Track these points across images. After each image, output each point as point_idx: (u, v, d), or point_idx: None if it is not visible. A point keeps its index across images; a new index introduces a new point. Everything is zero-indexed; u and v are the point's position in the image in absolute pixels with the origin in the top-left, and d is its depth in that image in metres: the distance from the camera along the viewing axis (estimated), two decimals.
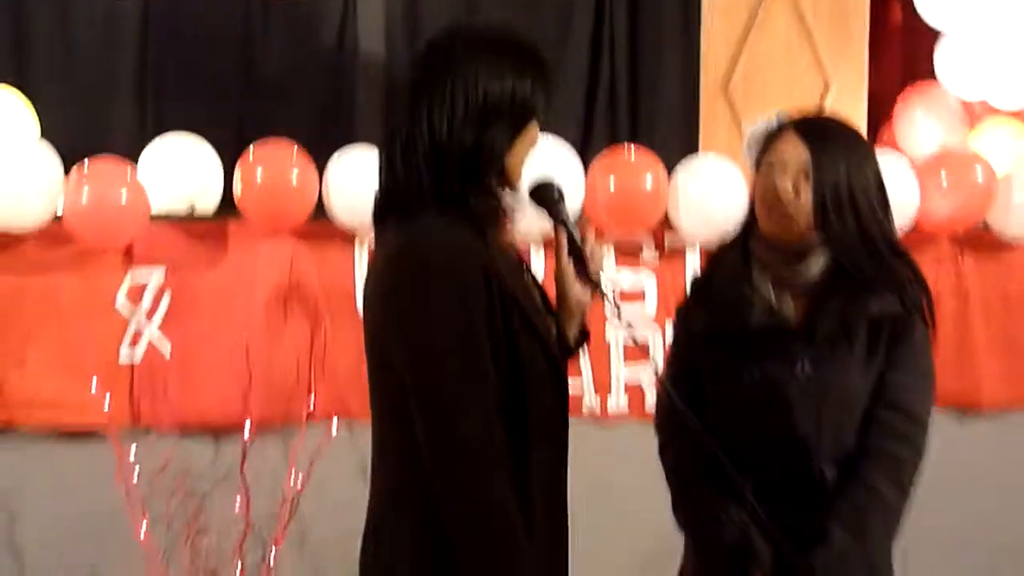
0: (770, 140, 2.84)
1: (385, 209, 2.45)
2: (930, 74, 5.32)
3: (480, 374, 2.33)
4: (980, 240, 4.86)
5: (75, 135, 4.84)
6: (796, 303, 2.78)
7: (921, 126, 5.19)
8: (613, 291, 2.70)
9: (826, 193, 2.71)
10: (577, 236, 2.51)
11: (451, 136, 2.37)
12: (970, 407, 4.89)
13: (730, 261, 2.90)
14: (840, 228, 2.71)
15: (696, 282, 3.08)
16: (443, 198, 2.39)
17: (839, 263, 2.74)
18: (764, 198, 2.77)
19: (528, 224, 2.76)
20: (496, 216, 2.48)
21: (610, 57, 5.69)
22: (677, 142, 5.38)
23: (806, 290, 2.77)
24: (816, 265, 2.75)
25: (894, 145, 5.26)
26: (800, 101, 4.80)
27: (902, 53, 5.67)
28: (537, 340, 2.44)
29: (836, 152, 2.78)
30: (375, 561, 2.50)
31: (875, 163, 2.84)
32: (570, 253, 2.52)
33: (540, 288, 2.62)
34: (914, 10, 5.35)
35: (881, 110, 5.44)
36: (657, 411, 3.03)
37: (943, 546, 4.81)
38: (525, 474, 2.43)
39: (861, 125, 5.10)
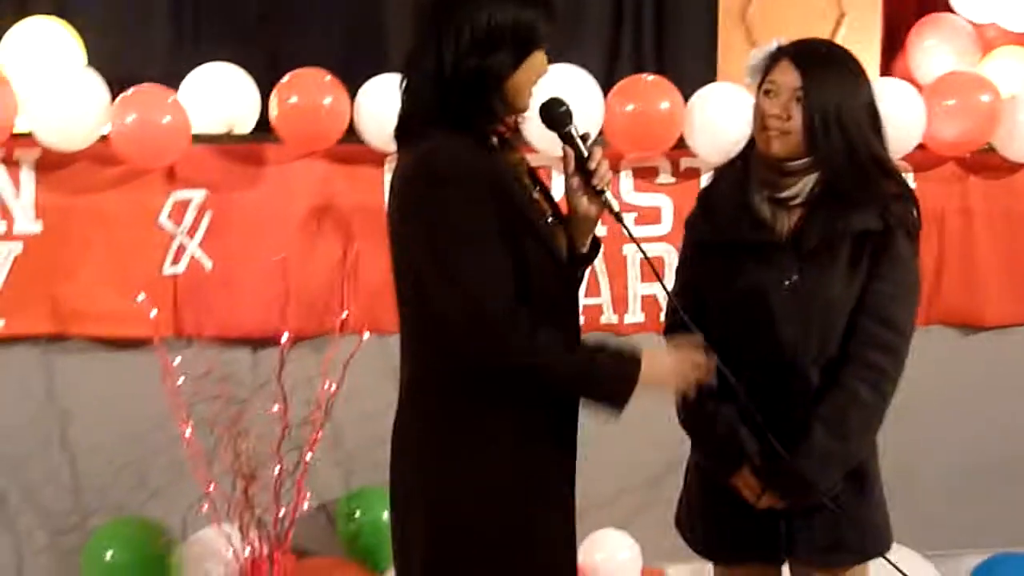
0: (768, 66, 2.91)
1: (401, 132, 2.58)
2: (945, 6, 5.28)
3: (495, 259, 2.45)
4: (985, 161, 4.86)
5: (118, 62, 4.84)
6: (788, 218, 2.90)
7: (933, 53, 5.22)
8: (610, 198, 2.79)
9: (815, 116, 2.81)
10: (584, 151, 2.59)
11: (455, 63, 2.48)
12: (975, 323, 4.93)
13: (732, 177, 3.03)
14: (828, 149, 2.81)
15: (701, 195, 3.17)
16: (450, 120, 2.50)
17: (828, 182, 2.83)
18: (757, 120, 2.87)
19: (547, 146, 2.87)
20: (500, 135, 2.60)
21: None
22: (697, 69, 5.40)
23: (797, 206, 2.87)
24: (807, 183, 2.85)
25: (907, 72, 5.24)
26: (815, 30, 4.87)
27: None
28: (542, 245, 2.56)
29: (827, 78, 2.88)
30: (399, 435, 2.68)
31: (868, 88, 2.93)
32: (577, 167, 2.61)
33: (553, 202, 2.71)
34: None
35: (896, 38, 5.45)
36: (665, 318, 3.17)
37: (948, 454, 4.90)
38: None
39: (875, 53, 5.26)
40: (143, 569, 4.28)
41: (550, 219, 2.71)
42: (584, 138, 2.64)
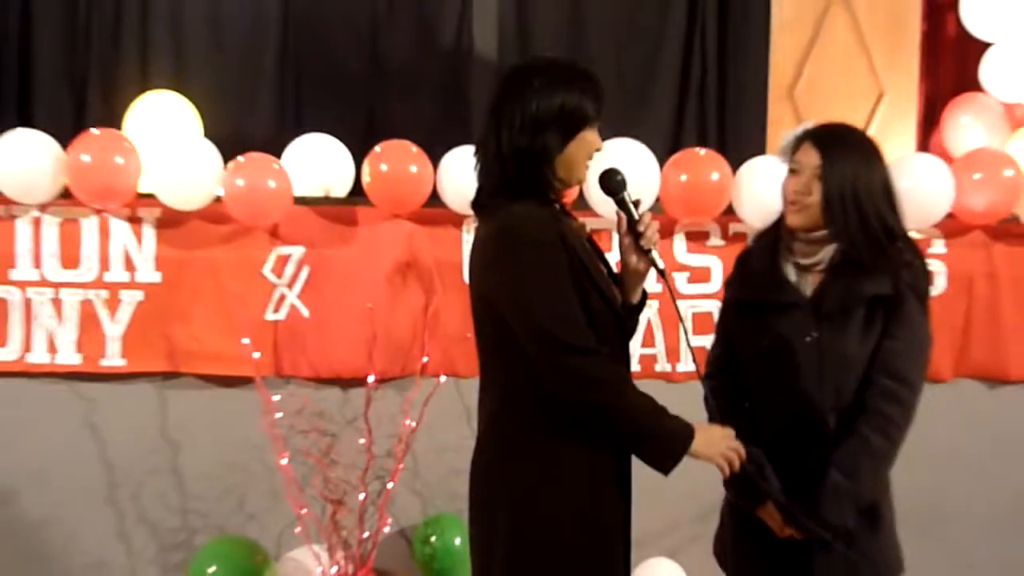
0: (795, 147, 3.11)
1: (476, 203, 2.84)
2: (978, 86, 5.40)
3: (573, 305, 2.71)
4: (1009, 230, 4.92)
5: (229, 131, 5.13)
6: (811, 282, 3.07)
7: (966, 129, 5.34)
8: (657, 259, 3.05)
9: (833, 193, 2.98)
10: (635, 215, 2.84)
11: (510, 142, 2.75)
12: (999, 377, 4.96)
13: (764, 245, 3.21)
14: (844, 222, 2.98)
15: (738, 259, 3.33)
16: (512, 192, 2.77)
17: (845, 251, 3.00)
18: (784, 196, 3.07)
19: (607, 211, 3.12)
20: (559, 200, 2.83)
21: (700, 74, 5.87)
22: (750, 141, 5.61)
23: (819, 271, 3.05)
24: (827, 252, 3.02)
25: (942, 147, 5.37)
26: (857, 107, 5.29)
27: (954, 64, 5.75)
28: (602, 297, 2.79)
29: (845, 158, 3.05)
30: (480, 464, 2.89)
31: (882, 167, 3.10)
32: (628, 229, 2.85)
33: (606, 261, 2.94)
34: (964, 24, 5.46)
35: (934, 115, 5.60)
36: (706, 367, 3.31)
37: (974, 500, 4.91)
38: None
39: (911, 129, 5.43)
40: None
41: (607, 274, 2.89)
42: (636, 204, 2.86)
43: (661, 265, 2.90)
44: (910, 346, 3.04)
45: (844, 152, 3.07)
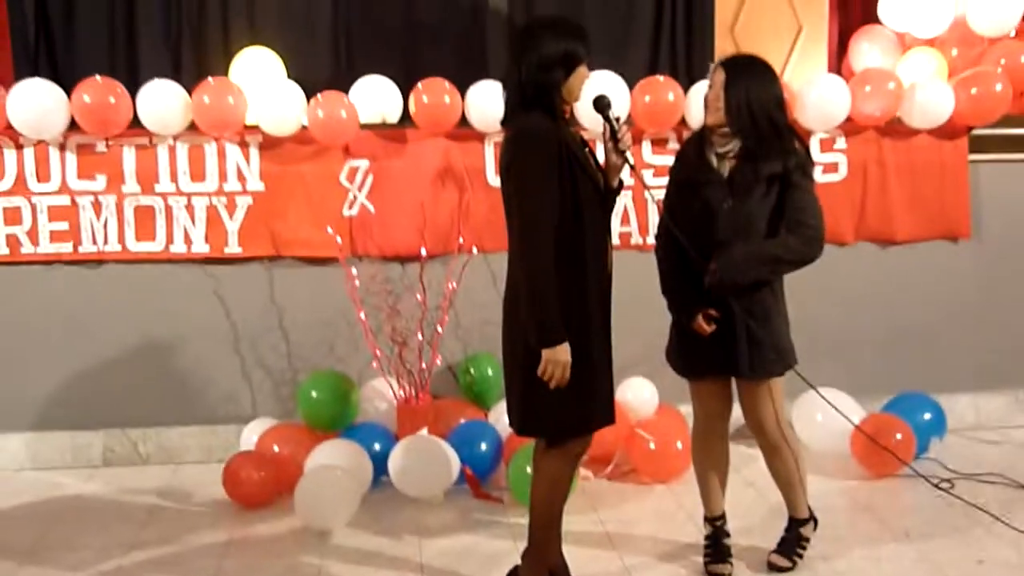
0: (713, 70, 3.62)
1: (504, 119, 3.36)
2: (878, 18, 5.69)
3: (548, 193, 3.16)
4: (894, 129, 5.28)
5: (307, 75, 5.33)
6: (726, 165, 3.58)
7: (866, 55, 5.67)
8: (630, 158, 3.39)
9: (731, 101, 3.48)
10: (616, 126, 3.35)
11: (528, 77, 3.22)
12: (888, 239, 5.38)
13: (694, 141, 3.72)
14: (738, 122, 3.49)
15: (678, 153, 3.81)
16: (530, 107, 3.24)
17: (746, 144, 3.52)
18: (704, 103, 3.60)
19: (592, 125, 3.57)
20: (563, 115, 3.31)
21: (670, 20, 6.08)
22: (702, 68, 5.17)
23: (731, 158, 3.56)
24: (735, 144, 3.54)
25: (849, 69, 5.68)
26: (782, 40, 5.61)
27: (859, 3, 5.95)
28: (589, 180, 3.27)
29: (742, 76, 3.53)
30: (507, 316, 3.36)
31: (773, 83, 3.56)
32: (611, 136, 3.37)
33: (594, 156, 3.44)
34: None
35: (844, 44, 5.87)
36: (657, 227, 3.79)
37: (873, 325, 5.42)
38: (581, 254, 3.25)
39: (822, 55, 5.70)
40: (335, 403, 4.78)
41: (596, 168, 3.38)
42: (617, 119, 3.37)
43: (632, 161, 3.37)
44: (805, 203, 3.53)
45: (741, 73, 3.54)
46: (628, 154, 3.37)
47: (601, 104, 3.43)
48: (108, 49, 6.06)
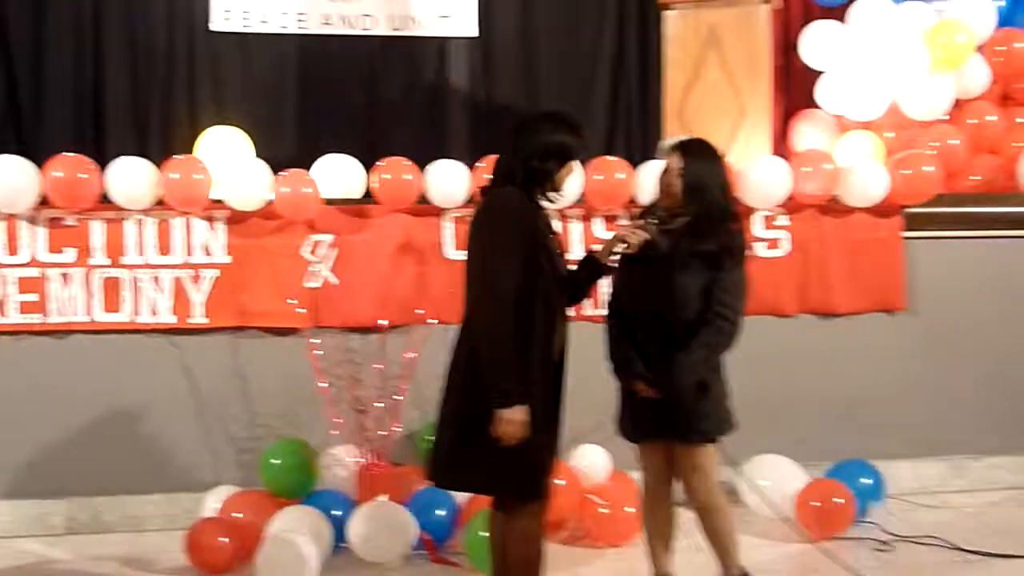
0: (667, 153, 3.77)
1: (484, 188, 3.47)
2: (816, 103, 6.05)
3: (512, 262, 3.23)
4: (833, 207, 5.43)
5: (273, 153, 5.54)
6: (667, 243, 3.68)
7: (806, 136, 6.04)
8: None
9: (689, 185, 3.64)
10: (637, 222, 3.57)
11: (523, 163, 3.35)
12: (829, 311, 5.50)
13: (645, 216, 3.80)
14: (694, 205, 3.64)
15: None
16: (517, 184, 3.34)
17: (692, 224, 3.66)
18: (660, 186, 3.75)
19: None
20: (543, 199, 3.42)
21: (627, 103, 6.59)
22: (651, 148, 6.00)
23: (675, 236, 3.68)
24: (681, 222, 3.67)
25: (790, 150, 6.00)
26: (726, 123, 5.79)
27: (800, 89, 6.28)
28: (552, 263, 3.38)
29: (698, 161, 3.70)
30: (466, 369, 3.37)
31: (721, 167, 3.75)
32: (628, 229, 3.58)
33: (561, 245, 3.55)
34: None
35: (787, 127, 6.24)
36: (608, 300, 3.90)
37: (817, 395, 5.50)
38: (532, 327, 3.30)
39: (766, 138, 5.89)
40: (296, 471, 4.81)
41: (558, 250, 3.49)
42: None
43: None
44: (731, 285, 3.69)
45: (698, 157, 3.72)
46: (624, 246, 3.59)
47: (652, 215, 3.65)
48: (74, 124, 6.28)
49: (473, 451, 3.34)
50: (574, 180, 3.56)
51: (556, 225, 3.94)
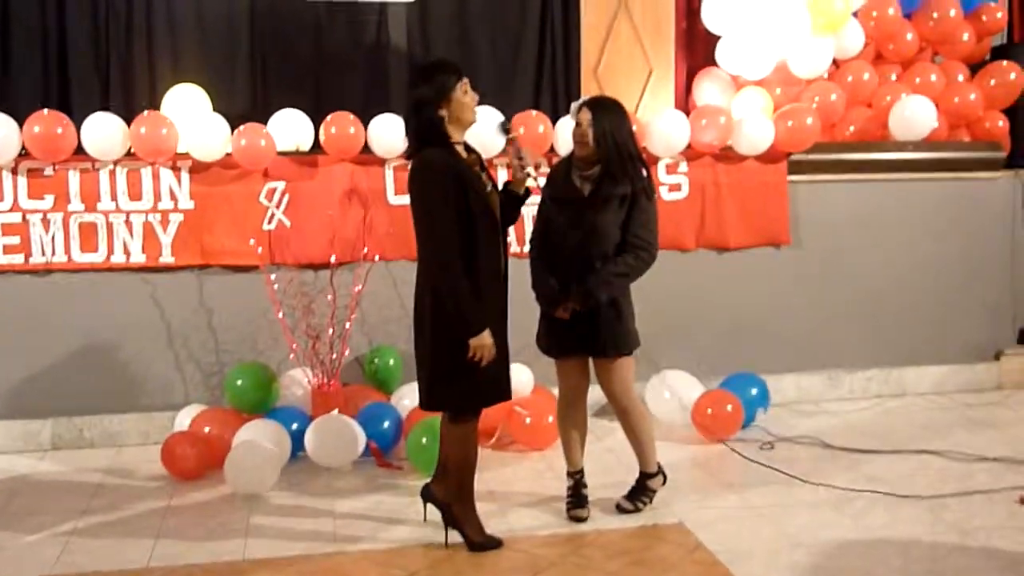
0: (579, 109, 3.98)
1: (406, 153, 3.69)
2: (716, 62, 6.18)
3: (448, 216, 3.47)
4: (726, 155, 5.71)
5: (229, 108, 5.63)
6: (588, 186, 3.94)
7: (706, 92, 6.17)
8: (532, 172, 3.74)
9: (598, 135, 3.85)
10: (513, 145, 3.72)
11: (416, 117, 3.57)
12: (723, 246, 5.80)
13: (563, 164, 4.09)
14: (604, 152, 3.87)
15: (548, 175, 4.17)
16: (423, 143, 3.55)
17: (605, 169, 3.90)
18: (574, 138, 3.96)
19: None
20: (465, 146, 3.60)
21: (551, 62, 6.58)
22: (569, 105, 5.69)
23: (592, 180, 3.92)
24: (596, 169, 3.91)
25: (693, 104, 6.16)
26: (635, 80, 5.97)
27: (702, 49, 6.39)
28: (481, 199, 3.58)
29: (604, 115, 3.91)
30: (427, 309, 3.62)
31: (628, 120, 3.95)
32: (515, 155, 3.72)
33: (492, 180, 3.72)
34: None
35: (690, 85, 6.36)
36: (529, 240, 4.18)
37: (715, 319, 5.81)
38: (476, 261, 3.57)
39: (670, 93, 6.08)
40: (258, 390, 5.00)
41: (490, 188, 3.67)
42: (514, 139, 3.72)
43: (534, 174, 3.74)
44: (644, 220, 3.95)
45: (604, 111, 3.92)
46: (531, 169, 3.74)
47: (502, 128, 3.79)
48: (43, 81, 6.22)
49: (449, 381, 3.66)
50: (472, 102, 3.64)
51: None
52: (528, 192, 3.83)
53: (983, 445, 5.15)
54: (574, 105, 4.04)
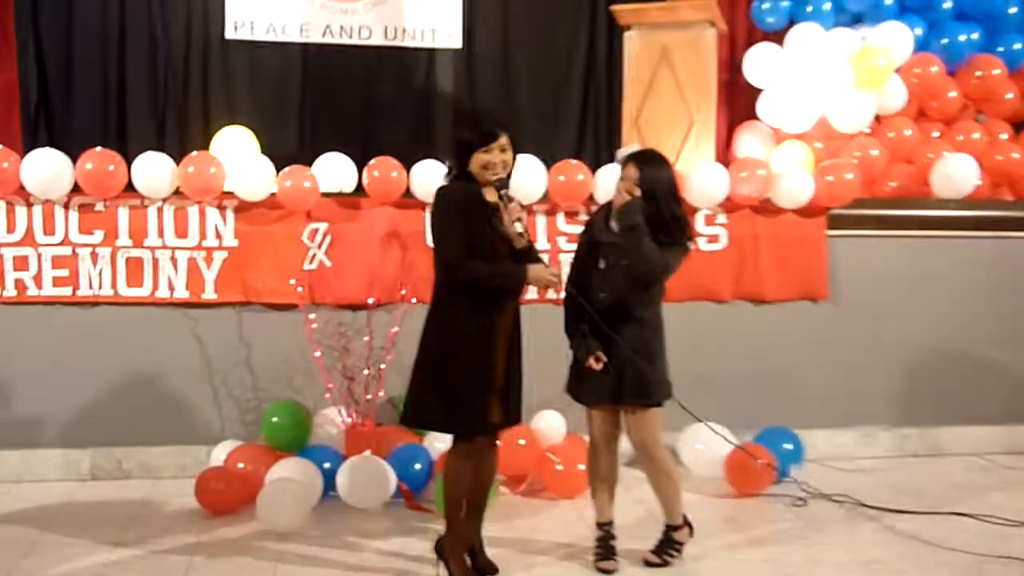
0: (625, 162, 3.94)
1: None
2: (756, 115, 6.22)
3: (461, 236, 3.56)
4: (765, 208, 5.60)
5: (277, 150, 5.74)
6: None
7: (746, 145, 6.19)
8: (520, 229, 3.72)
9: (642, 190, 3.82)
10: (504, 200, 3.68)
11: (455, 153, 3.66)
12: (760, 299, 5.69)
13: (602, 211, 4.04)
14: (649, 207, 3.82)
15: (588, 220, 4.15)
16: (458, 178, 3.63)
17: (648, 220, 3.81)
18: (617, 190, 3.91)
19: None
20: (483, 191, 3.64)
21: (594, 111, 6.76)
22: (610, 154, 6.13)
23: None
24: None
25: (733, 156, 6.16)
26: (677, 132, 5.88)
27: (743, 102, 6.48)
28: (486, 241, 3.63)
29: (650, 171, 3.86)
30: (427, 330, 3.75)
31: (672, 174, 3.90)
32: (505, 208, 3.70)
33: (499, 222, 3.68)
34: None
35: (731, 136, 6.42)
36: (568, 279, 4.04)
37: (747, 370, 5.68)
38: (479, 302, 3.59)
39: (711, 145, 5.97)
40: (293, 428, 4.99)
41: (499, 229, 3.67)
42: (509, 198, 3.69)
43: (520, 229, 3.68)
44: (672, 255, 3.89)
45: (650, 167, 3.88)
46: (517, 224, 3.71)
47: (501, 185, 3.75)
48: (102, 122, 6.47)
49: (426, 397, 3.73)
50: (500, 159, 3.67)
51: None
52: (531, 249, 3.82)
53: (1022, 509, 4.94)
54: (621, 154, 4.06)
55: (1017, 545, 4.48)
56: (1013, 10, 6.39)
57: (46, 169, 5.05)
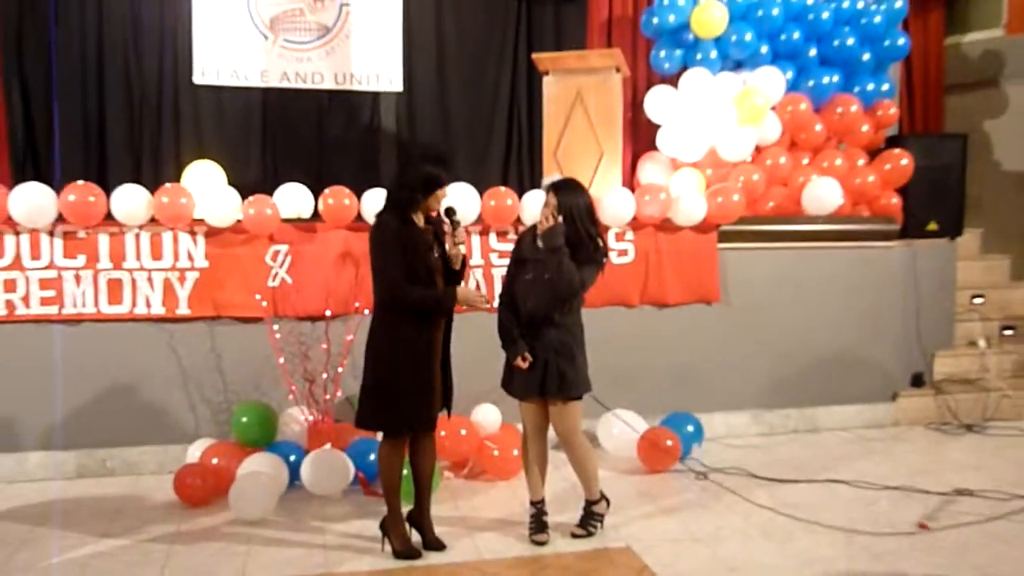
0: (547, 190, 3.88)
1: (379, 213, 3.59)
2: (657, 147, 6.18)
3: (396, 264, 3.48)
4: (665, 226, 5.59)
5: (242, 181, 5.55)
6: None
7: (649, 172, 6.17)
8: (463, 250, 3.73)
9: (563, 214, 3.77)
10: (454, 226, 3.65)
11: (397, 191, 3.52)
12: (663, 303, 5.65)
13: (528, 233, 3.98)
14: (568, 229, 3.77)
15: (517, 240, 4.06)
16: (395, 210, 3.51)
17: (568, 242, 3.77)
18: (542, 215, 3.85)
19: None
20: (414, 217, 3.54)
21: (517, 144, 6.65)
22: (533, 181, 6.36)
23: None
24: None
25: (637, 183, 6.12)
26: (589, 162, 5.77)
27: (644, 136, 6.46)
28: (424, 265, 3.57)
29: (568, 197, 3.81)
30: (368, 344, 3.68)
31: (587, 198, 3.83)
32: (452, 232, 3.68)
33: (442, 247, 3.64)
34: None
35: (635, 165, 6.37)
36: (499, 296, 4.02)
37: (659, 367, 5.65)
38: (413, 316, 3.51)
39: (618, 174, 5.87)
40: (260, 426, 4.81)
41: (436, 255, 3.64)
42: (457, 223, 3.66)
43: (464, 251, 3.69)
44: (586, 271, 3.82)
45: (567, 193, 3.84)
46: (462, 246, 3.69)
47: (448, 212, 3.70)
48: (83, 157, 6.24)
49: (363, 404, 3.70)
50: (449, 201, 3.66)
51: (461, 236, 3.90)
52: (464, 266, 3.79)
53: (884, 474, 5.00)
54: (545, 182, 3.95)
55: (882, 506, 4.53)
56: (867, 56, 6.46)
57: (32, 201, 4.86)
